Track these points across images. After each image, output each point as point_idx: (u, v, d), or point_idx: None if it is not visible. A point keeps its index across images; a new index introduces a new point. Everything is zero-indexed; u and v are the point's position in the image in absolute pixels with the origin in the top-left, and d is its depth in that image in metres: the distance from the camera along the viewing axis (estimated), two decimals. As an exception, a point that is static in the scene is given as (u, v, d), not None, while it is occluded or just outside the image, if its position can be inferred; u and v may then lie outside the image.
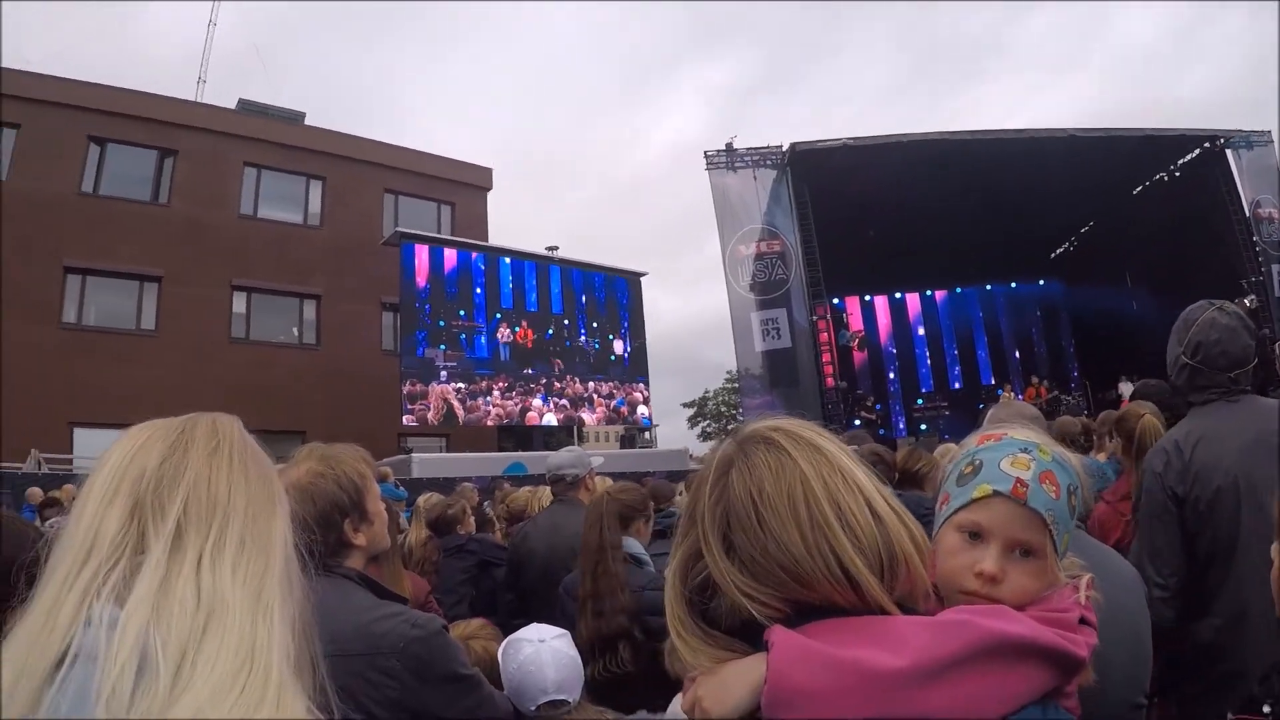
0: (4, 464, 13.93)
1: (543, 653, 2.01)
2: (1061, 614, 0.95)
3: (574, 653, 2.10)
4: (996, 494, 1.03)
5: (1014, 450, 1.07)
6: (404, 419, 16.48)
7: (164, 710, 0.67)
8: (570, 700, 2.01)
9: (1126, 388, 17.79)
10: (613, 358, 20.25)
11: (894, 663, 0.82)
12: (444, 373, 17.26)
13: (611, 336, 20.29)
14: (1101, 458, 4.06)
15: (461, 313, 17.81)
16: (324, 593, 1.34)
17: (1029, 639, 0.87)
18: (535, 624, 2.18)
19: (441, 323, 17.55)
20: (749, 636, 0.92)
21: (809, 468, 0.93)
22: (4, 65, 17.73)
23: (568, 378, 19.20)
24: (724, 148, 17.70)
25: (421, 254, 17.37)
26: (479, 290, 18.22)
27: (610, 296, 20.64)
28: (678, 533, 1.04)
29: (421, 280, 17.31)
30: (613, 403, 19.92)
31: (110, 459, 0.84)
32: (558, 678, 1.99)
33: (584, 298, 20.15)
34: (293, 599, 0.83)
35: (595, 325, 20.10)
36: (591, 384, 19.61)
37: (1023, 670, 0.86)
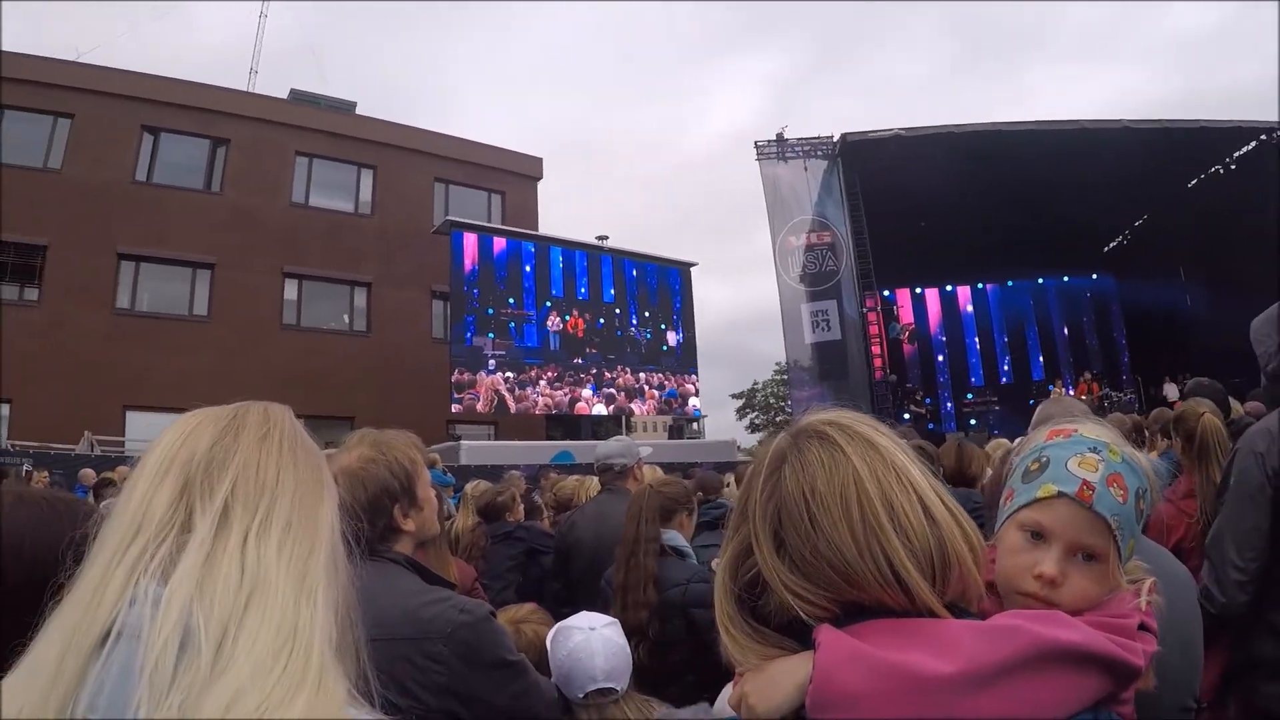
0: (58, 445, 14.08)
1: (593, 640, 2.01)
2: (1121, 620, 0.93)
3: (623, 641, 2.10)
4: (1061, 495, 1.00)
5: (1083, 449, 1.03)
6: (453, 407, 16.46)
7: (205, 686, 0.67)
8: (618, 689, 2.01)
9: (1172, 389, 17.48)
10: (665, 348, 20.18)
11: (942, 668, 0.80)
12: (492, 361, 17.29)
13: (664, 326, 20.23)
14: (1153, 456, 3.99)
15: (511, 300, 17.85)
16: (371, 578, 1.34)
17: (1082, 646, 0.84)
18: (585, 612, 2.17)
19: (490, 310, 17.57)
20: (798, 634, 0.91)
21: (863, 465, 0.91)
22: (57, 57, 18.04)
23: (618, 368, 19.14)
24: (775, 138, 17.64)
25: (471, 242, 17.42)
26: (529, 279, 18.25)
27: (663, 286, 20.57)
28: (729, 527, 1.02)
29: (471, 269, 17.34)
30: (663, 394, 19.82)
31: (162, 442, 0.85)
32: (607, 666, 1.99)
33: (636, 287, 20.09)
34: (337, 584, 0.82)
35: (647, 315, 20.06)
36: (643, 375, 19.54)
37: (1075, 678, 0.84)
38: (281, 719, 0.67)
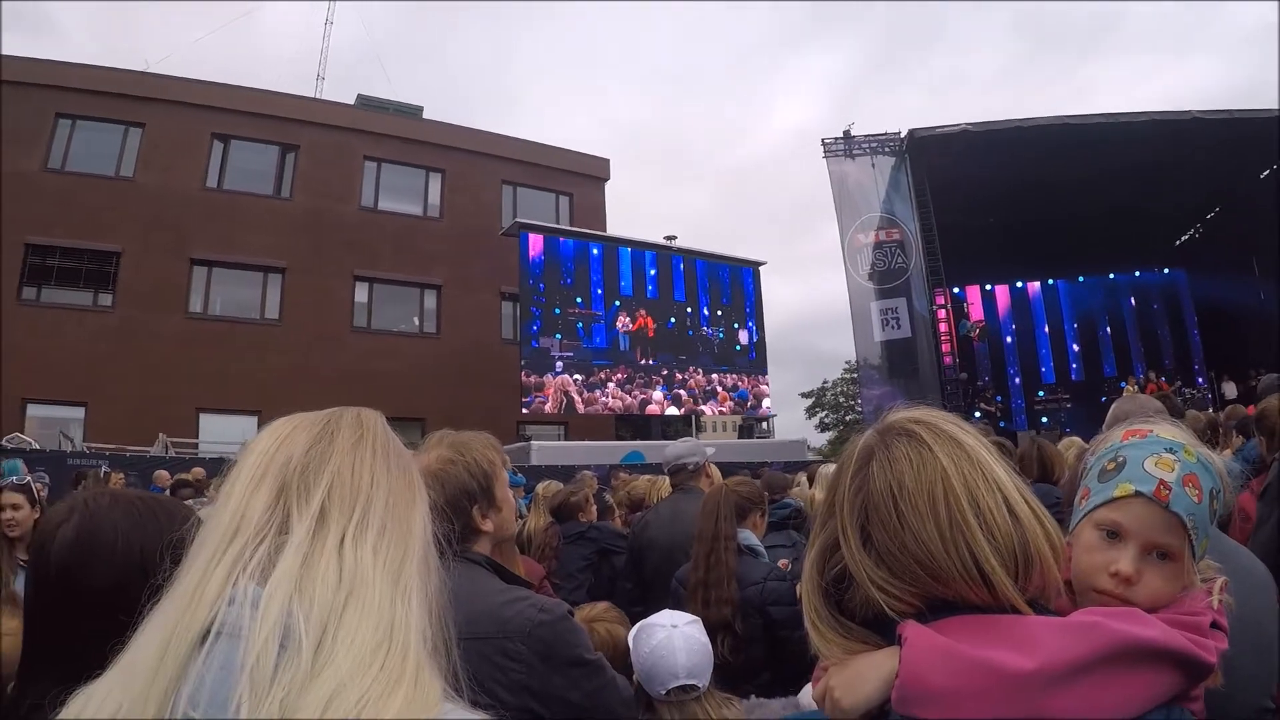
0: (133, 447, 14.23)
1: (675, 638, 2.03)
2: (1194, 618, 0.94)
3: (705, 639, 2.12)
4: (1138, 494, 1.02)
5: (1159, 450, 1.05)
6: (523, 409, 16.46)
7: (306, 683, 0.68)
8: (700, 686, 2.03)
9: (1230, 388, 17.12)
10: (738, 347, 20.05)
11: (1024, 664, 0.81)
12: (559, 363, 17.27)
13: (736, 325, 20.12)
14: (1227, 454, 4.05)
15: (579, 300, 17.84)
16: (454, 578, 1.42)
17: (1159, 643, 0.85)
18: (668, 610, 2.21)
19: (557, 310, 17.55)
20: (882, 629, 0.92)
21: (950, 463, 0.92)
22: (127, 68, 18.41)
23: (690, 369, 19.03)
24: (841, 135, 17.55)
25: (538, 244, 17.45)
26: (596, 278, 18.25)
27: (735, 284, 20.45)
28: (816, 522, 1.04)
29: (539, 270, 17.37)
30: (735, 395, 19.71)
31: (257, 446, 0.86)
32: (689, 663, 2.00)
33: (708, 286, 19.97)
34: (430, 584, 0.84)
35: (719, 313, 19.94)
36: (715, 376, 19.40)
37: (1151, 674, 0.85)
38: (380, 716, 0.68)
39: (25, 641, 1.28)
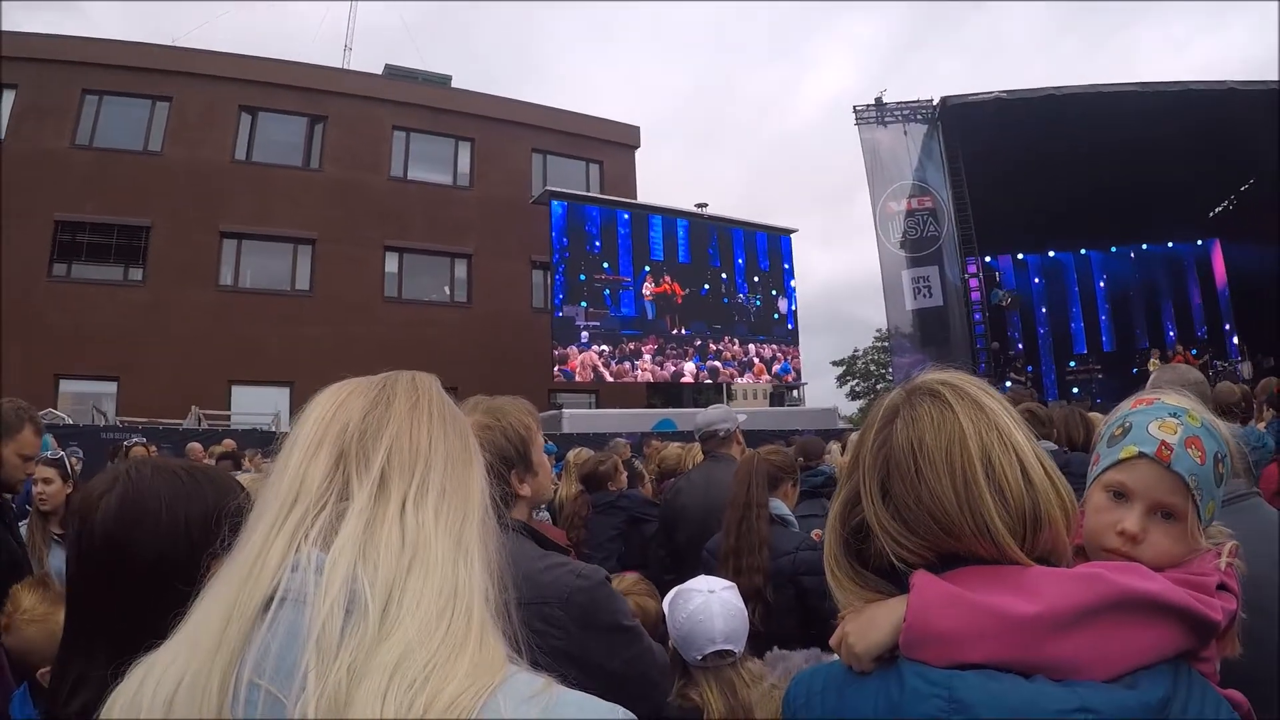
0: (166, 420, 14.26)
1: (712, 603, 2.04)
2: (1200, 578, 0.96)
3: (741, 605, 2.13)
4: (1142, 455, 1.06)
5: (1163, 414, 1.08)
6: (555, 375, 16.43)
7: (374, 647, 0.68)
8: (736, 651, 2.04)
9: (1247, 367, 16.96)
10: (776, 316, 19.85)
11: (1027, 608, 0.85)
12: (585, 334, 17.07)
13: (775, 293, 19.89)
14: (1260, 426, 4.07)
15: (606, 266, 17.61)
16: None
17: (1158, 596, 0.88)
18: (704, 575, 2.23)
19: (582, 277, 17.32)
20: (897, 580, 0.96)
21: (968, 424, 0.94)
22: (154, 42, 18.40)
23: (725, 339, 18.82)
24: (873, 102, 17.42)
25: (571, 212, 17.32)
26: (625, 244, 18.02)
27: (775, 251, 20.22)
28: (842, 474, 1.08)
29: (570, 238, 17.25)
30: (775, 367, 19.49)
31: (313, 413, 0.85)
32: (725, 628, 2.02)
33: (744, 252, 19.69)
34: (490, 547, 0.84)
35: (756, 280, 19.70)
36: (752, 346, 19.17)
37: (1152, 627, 0.87)
38: (448, 678, 0.68)
39: (68, 613, 1.28)
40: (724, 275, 19.19)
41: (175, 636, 0.75)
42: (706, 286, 18.84)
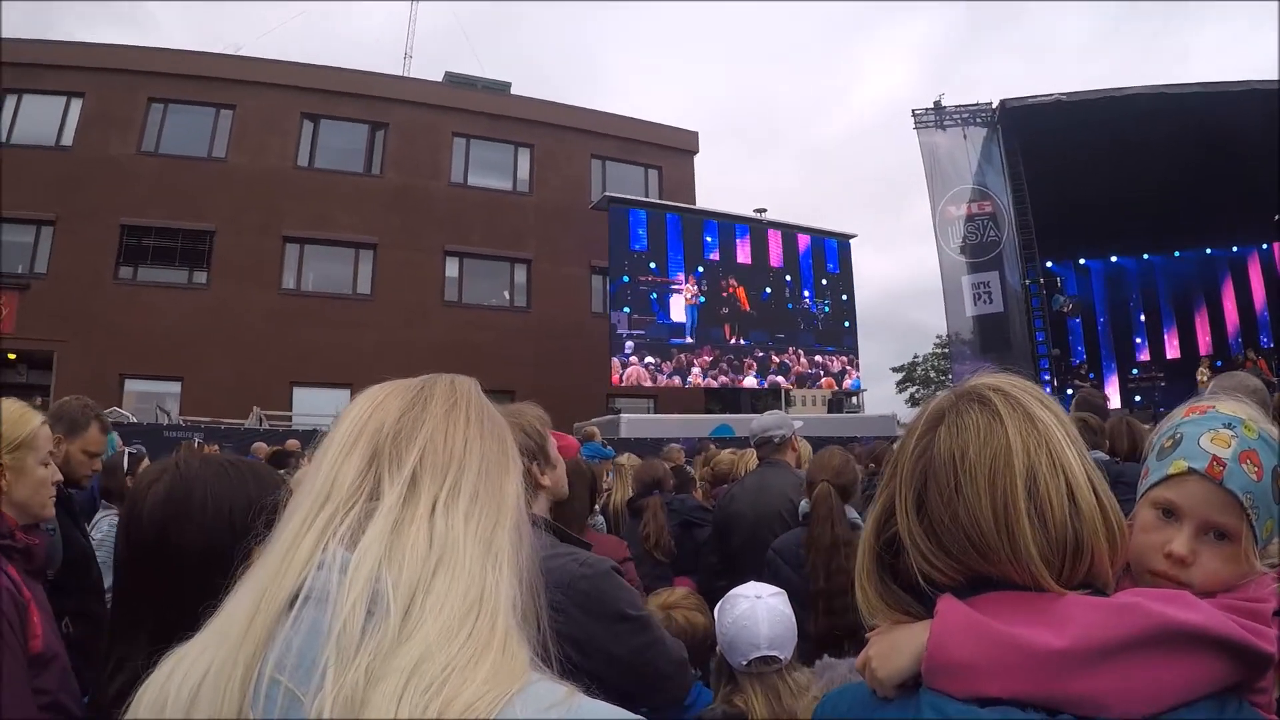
0: (228, 420, 14.44)
1: (758, 608, 2.04)
2: (1254, 604, 0.91)
3: (789, 611, 2.10)
4: (1192, 471, 0.99)
5: (1217, 425, 1.01)
6: (613, 379, 16.41)
7: (394, 648, 0.67)
8: (782, 658, 2.02)
9: None
10: (846, 324, 19.50)
11: (1052, 642, 0.80)
12: (629, 343, 16.62)
13: (846, 298, 19.56)
14: None
15: (653, 266, 17.18)
16: None
17: (1200, 627, 0.79)
18: (753, 581, 2.20)
19: (625, 279, 16.79)
20: (925, 600, 0.91)
21: (1017, 439, 0.87)
22: (218, 51, 18.81)
23: (790, 350, 18.36)
24: (932, 106, 17.36)
25: (631, 217, 17.30)
26: (676, 247, 17.63)
27: (843, 257, 19.90)
28: (882, 480, 1.01)
29: (631, 244, 17.18)
30: (847, 382, 19.11)
31: (350, 413, 0.85)
32: (771, 634, 2.01)
33: (810, 256, 19.28)
34: (522, 553, 0.82)
35: (825, 283, 19.36)
36: (819, 358, 18.73)
37: (1192, 661, 0.79)
38: (466, 682, 0.66)
39: (115, 598, 1.31)
40: (788, 277, 18.83)
41: (206, 628, 0.75)
42: (768, 290, 18.49)
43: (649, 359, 16.79)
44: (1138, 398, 18.43)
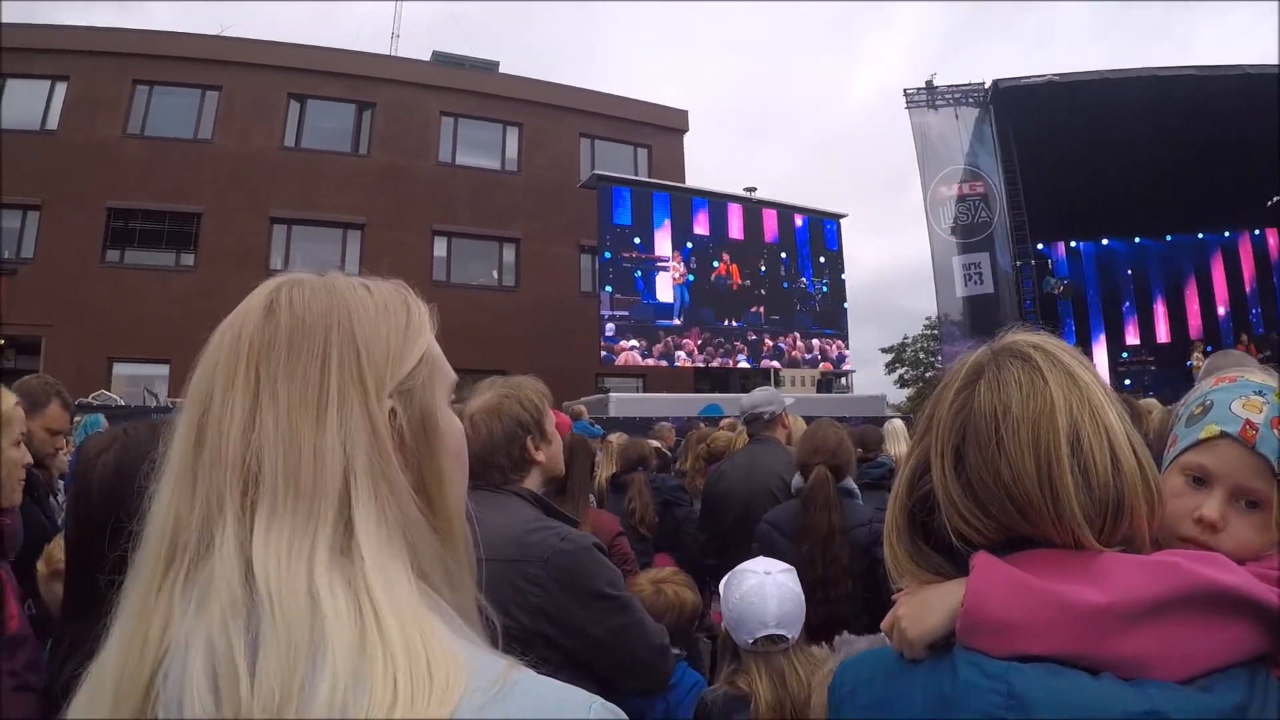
0: None
1: (767, 585, 1.99)
2: None
3: (798, 588, 2.05)
4: (1224, 435, 0.98)
5: (1248, 392, 1.00)
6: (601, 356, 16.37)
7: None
8: (790, 637, 1.98)
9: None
10: (845, 305, 19.34)
11: (1094, 598, 0.78)
12: (610, 325, 16.26)
13: (844, 277, 19.38)
14: None
15: (637, 241, 16.86)
16: (491, 507, 1.68)
17: (1240, 589, 0.79)
18: (762, 557, 2.17)
19: (607, 255, 16.42)
20: (958, 560, 0.89)
21: (1060, 397, 0.86)
22: (203, 33, 18.64)
23: (785, 335, 18.07)
24: (924, 85, 17.23)
25: (620, 196, 17.16)
26: (663, 221, 17.37)
27: (840, 236, 19.73)
28: (914, 437, 0.99)
29: (613, 219, 16.92)
30: (845, 366, 18.99)
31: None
32: (779, 611, 1.96)
33: (807, 234, 18.98)
34: (410, 518, 0.67)
35: (822, 260, 19.08)
36: (816, 342, 18.51)
37: (1231, 624, 0.78)
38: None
39: (68, 577, 1.24)
40: (784, 255, 18.45)
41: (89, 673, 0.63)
42: (764, 268, 18.15)
43: (633, 342, 16.51)
44: (1127, 381, 18.35)
